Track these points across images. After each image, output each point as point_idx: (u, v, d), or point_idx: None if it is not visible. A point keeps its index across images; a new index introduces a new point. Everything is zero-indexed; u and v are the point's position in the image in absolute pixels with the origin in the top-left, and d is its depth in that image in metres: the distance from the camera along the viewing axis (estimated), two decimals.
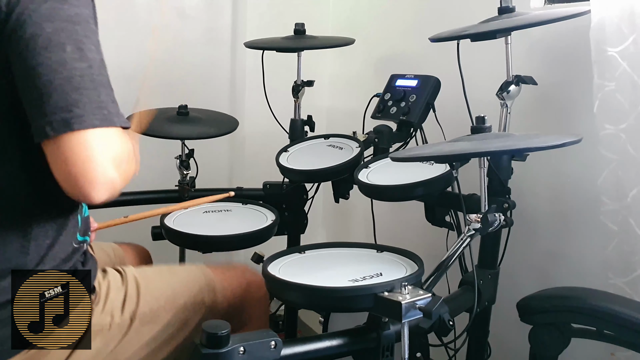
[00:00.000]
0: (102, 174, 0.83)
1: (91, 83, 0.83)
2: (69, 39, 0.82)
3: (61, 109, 0.80)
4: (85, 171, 0.81)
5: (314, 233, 2.11)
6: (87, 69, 0.83)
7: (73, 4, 0.84)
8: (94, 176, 0.82)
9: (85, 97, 0.81)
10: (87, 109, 0.81)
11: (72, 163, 0.81)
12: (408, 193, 1.32)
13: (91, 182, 0.82)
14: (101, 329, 1.01)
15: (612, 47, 1.20)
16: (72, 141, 0.81)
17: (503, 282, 1.32)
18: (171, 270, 1.18)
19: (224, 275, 1.21)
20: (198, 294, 1.14)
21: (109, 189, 0.85)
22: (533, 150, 1.24)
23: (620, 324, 1.06)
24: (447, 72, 1.39)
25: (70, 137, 0.80)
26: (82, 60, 0.82)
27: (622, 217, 1.22)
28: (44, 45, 0.80)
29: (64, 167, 0.82)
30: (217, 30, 2.31)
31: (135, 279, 1.10)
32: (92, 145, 0.81)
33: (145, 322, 1.06)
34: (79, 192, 0.83)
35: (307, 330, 2.02)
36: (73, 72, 0.81)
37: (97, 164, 0.82)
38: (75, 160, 0.81)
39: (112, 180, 0.84)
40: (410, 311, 0.89)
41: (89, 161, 0.81)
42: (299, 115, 1.82)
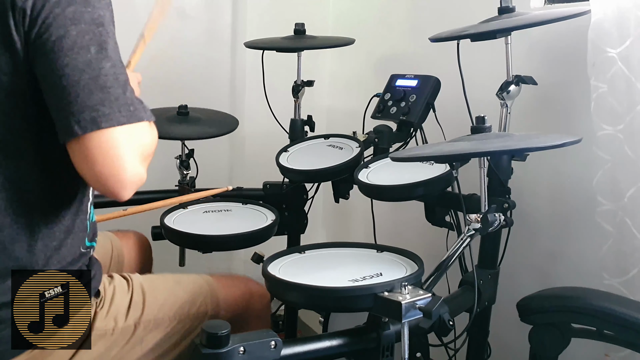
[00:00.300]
0: (130, 171, 0.85)
1: (116, 82, 0.85)
2: (93, 41, 0.85)
3: (89, 108, 0.82)
4: (114, 170, 0.84)
5: (314, 233, 2.11)
6: (111, 68, 0.85)
7: (95, 6, 0.87)
8: (124, 176, 0.85)
9: (111, 95, 0.84)
10: (113, 106, 0.84)
11: (100, 162, 0.83)
12: (408, 193, 1.32)
13: (121, 181, 0.85)
14: (104, 333, 1.01)
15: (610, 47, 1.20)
16: (100, 139, 0.83)
17: (503, 282, 1.32)
18: (176, 279, 1.18)
19: (227, 285, 1.21)
20: (202, 303, 1.14)
21: (137, 185, 0.88)
22: (533, 150, 1.24)
23: (620, 324, 1.06)
24: (447, 72, 1.39)
25: (99, 135, 0.83)
26: (106, 60, 0.85)
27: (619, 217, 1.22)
28: (69, 47, 0.83)
29: (92, 167, 0.84)
30: (217, 30, 2.31)
31: (141, 286, 1.10)
32: (119, 143, 0.84)
33: (149, 329, 1.06)
34: (108, 190, 0.86)
35: (307, 330, 2.02)
36: (99, 72, 0.84)
37: (126, 162, 0.84)
38: (104, 159, 0.83)
39: (140, 176, 0.87)
40: (410, 311, 0.89)
41: (117, 159, 0.84)
42: (299, 115, 1.82)
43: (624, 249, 1.22)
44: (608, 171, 1.23)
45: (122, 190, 0.86)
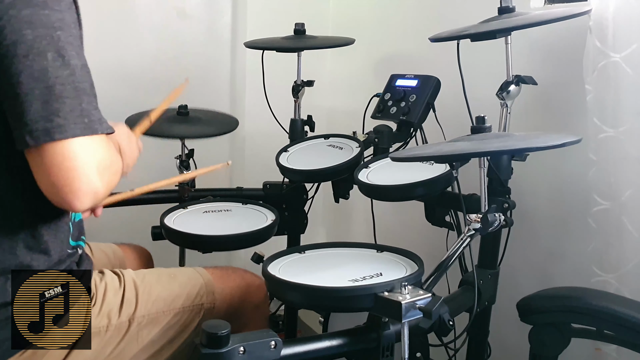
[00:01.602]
0: (85, 183, 0.82)
1: (73, 91, 0.82)
2: (50, 46, 0.81)
3: (42, 118, 0.79)
4: (68, 181, 0.81)
5: (314, 233, 2.11)
6: (68, 76, 0.82)
7: (55, 9, 0.82)
8: (77, 186, 0.82)
9: (67, 105, 0.81)
10: (68, 117, 0.81)
11: (54, 173, 0.81)
12: (408, 193, 1.32)
13: (74, 192, 0.82)
14: (98, 331, 1.01)
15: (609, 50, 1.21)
16: (53, 151, 0.80)
17: (503, 282, 1.32)
18: (170, 274, 1.18)
19: (222, 278, 1.21)
20: (197, 297, 1.14)
21: (92, 198, 0.85)
22: (533, 150, 1.24)
23: (620, 324, 1.07)
24: (447, 72, 1.39)
25: (52, 146, 0.80)
26: (63, 67, 0.81)
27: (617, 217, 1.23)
28: (24, 53, 0.79)
29: (46, 177, 0.82)
30: (217, 30, 2.31)
31: (133, 282, 1.10)
32: (74, 155, 0.81)
33: (144, 325, 1.06)
34: (62, 201, 0.84)
35: (307, 330, 2.02)
36: (54, 81, 0.80)
37: (80, 174, 0.82)
38: (58, 171, 0.81)
39: (95, 189, 0.84)
40: (410, 311, 0.89)
41: (71, 171, 0.81)
42: (299, 115, 1.82)
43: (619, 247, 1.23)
44: (605, 171, 1.23)
45: (75, 201, 0.83)
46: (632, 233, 1.20)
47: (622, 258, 1.23)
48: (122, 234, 1.53)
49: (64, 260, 0.98)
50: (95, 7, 2.04)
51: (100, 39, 2.04)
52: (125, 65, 2.11)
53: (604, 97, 1.23)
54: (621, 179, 1.22)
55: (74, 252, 1.01)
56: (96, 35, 2.02)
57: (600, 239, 1.27)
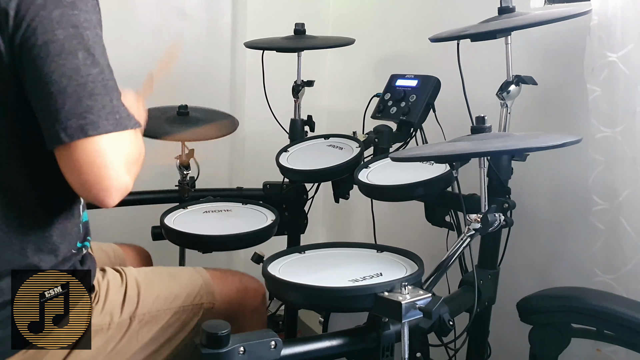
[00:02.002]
0: (116, 180, 0.85)
1: (103, 88, 0.84)
2: (80, 45, 0.83)
3: (76, 115, 0.81)
4: (100, 178, 0.84)
5: (314, 233, 2.11)
6: (98, 74, 0.84)
7: (83, 9, 0.85)
8: (109, 183, 0.84)
9: (98, 102, 0.83)
10: (100, 114, 0.83)
11: (86, 170, 0.83)
12: (408, 193, 1.32)
13: (106, 189, 0.84)
14: (100, 328, 1.01)
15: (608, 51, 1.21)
16: (86, 147, 0.82)
17: (503, 282, 1.32)
18: (171, 273, 1.18)
19: (222, 279, 1.22)
20: (197, 296, 1.15)
21: (123, 193, 0.87)
22: (533, 150, 1.24)
23: (620, 324, 1.07)
24: (447, 72, 1.39)
25: (85, 143, 0.82)
26: (94, 66, 0.84)
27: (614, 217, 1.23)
28: (56, 52, 0.81)
29: (78, 174, 0.84)
30: (217, 30, 2.31)
31: (135, 280, 1.10)
32: (106, 152, 0.83)
33: (145, 323, 1.07)
34: (94, 198, 0.86)
35: (307, 330, 2.02)
36: (86, 79, 0.82)
37: (112, 171, 0.84)
38: (90, 168, 0.83)
39: (125, 184, 0.87)
40: (410, 311, 0.89)
41: (103, 168, 0.83)
42: (299, 115, 1.82)
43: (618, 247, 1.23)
44: (604, 172, 1.24)
45: (107, 198, 0.85)
46: (630, 234, 1.20)
47: (621, 258, 1.23)
48: (122, 234, 1.53)
49: (69, 258, 0.98)
50: None
51: None
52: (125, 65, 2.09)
53: (601, 97, 1.23)
54: (619, 180, 1.22)
55: (78, 252, 1.02)
56: None
57: (599, 239, 1.27)
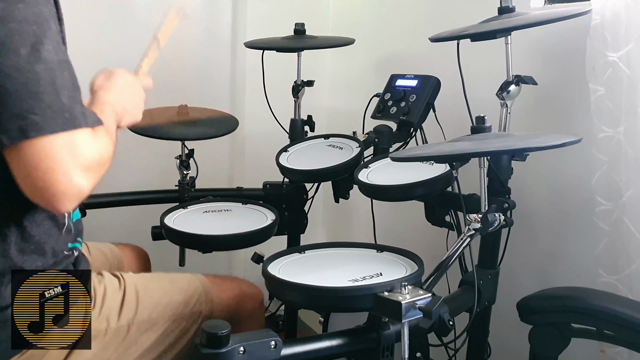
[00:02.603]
0: (66, 184, 0.79)
1: (50, 86, 0.78)
2: (23, 41, 0.77)
3: (17, 116, 0.76)
4: (48, 182, 0.78)
5: (314, 233, 2.11)
6: (44, 71, 0.78)
7: (29, 3, 0.79)
8: (58, 188, 0.78)
9: (43, 102, 0.77)
10: (46, 114, 0.77)
11: (34, 174, 0.78)
12: (408, 193, 1.32)
13: (55, 194, 0.79)
14: (97, 334, 1.00)
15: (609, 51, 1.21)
16: (31, 150, 0.77)
17: (503, 282, 1.32)
18: (170, 279, 1.18)
19: (220, 286, 1.21)
20: (196, 303, 1.14)
21: (77, 199, 0.81)
22: (533, 150, 1.24)
23: (620, 324, 1.06)
24: (447, 72, 1.39)
25: (29, 145, 0.77)
26: (38, 62, 0.78)
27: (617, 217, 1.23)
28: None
29: (26, 178, 0.79)
30: (217, 30, 2.31)
31: (135, 286, 1.09)
32: (53, 154, 0.77)
33: (144, 329, 1.06)
34: (45, 204, 0.81)
35: (307, 330, 2.02)
36: (28, 76, 0.77)
37: (61, 174, 0.78)
38: (37, 171, 0.78)
39: (79, 189, 0.80)
40: (410, 311, 0.89)
41: (51, 171, 0.78)
42: (299, 115, 1.82)
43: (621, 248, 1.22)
44: (607, 172, 1.23)
45: (57, 203, 0.79)
46: (634, 234, 1.20)
47: (625, 259, 1.23)
48: (122, 234, 1.53)
49: (60, 261, 0.97)
50: (95, 7, 2.04)
51: (100, 39, 2.04)
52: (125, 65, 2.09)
53: (603, 97, 1.23)
54: (621, 179, 1.22)
55: (70, 253, 1.00)
56: (96, 35, 2.03)
57: (602, 239, 1.27)
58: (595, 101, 1.25)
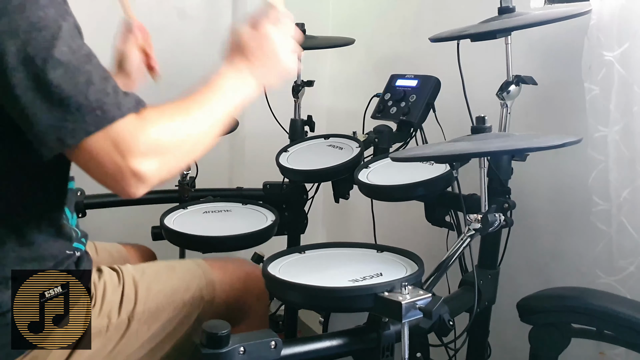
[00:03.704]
0: (122, 175, 0.79)
1: (73, 88, 0.77)
2: (36, 50, 0.76)
3: (51, 128, 0.76)
4: (105, 177, 0.80)
5: (314, 233, 2.11)
6: (63, 75, 0.77)
7: (32, 9, 0.77)
8: (113, 182, 0.80)
9: (70, 107, 0.77)
10: (77, 118, 0.77)
11: (91, 173, 0.80)
12: (408, 193, 1.32)
13: (118, 183, 0.80)
14: (99, 331, 1.00)
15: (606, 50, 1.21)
16: (75, 155, 0.79)
17: (503, 282, 1.32)
18: (169, 267, 1.17)
19: (222, 269, 1.20)
20: (197, 289, 1.13)
21: (143, 183, 0.81)
22: (533, 150, 1.24)
23: (620, 324, 1.06)
24: (447, 72, 1.39)
25: (71, 153, 0.79)
26: (55, 68, 0.76)
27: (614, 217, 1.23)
28: (13, 65, 0.75)
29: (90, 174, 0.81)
30: (217, 30, 2.31)
31: (132, 277, 1.09)
32: (96, 153, 0.78)
33: (144, 320, 1.05)
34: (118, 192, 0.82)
35: (307, 330, 2.02)
36: (50, 85, 0.76)
37: (112, 169, 0.79)
38: (91, 171, 0.80)
39: (138, 175, 0.80)
40: (410, 311, 0.89)
41: (102, 168, 0.79)
42: (299, 115, 1.82)
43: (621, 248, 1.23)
44: (603, 172, 1.24)
45: (127, 190, 0.81)
46: (632, 234, 1.20)
47: (623, 259, 1.23)
48: (122, 234, 1.53)
49: (60, 262, 0.97)
50: (95, 7, 2.04)
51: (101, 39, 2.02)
52: None
53: (600, 97, 1.23)
54: (618, 179, 1.22)
55: (72, 253, 1.00)
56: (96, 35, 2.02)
57: (600, 239, 1.27)
58: (590, 100, 1.25)
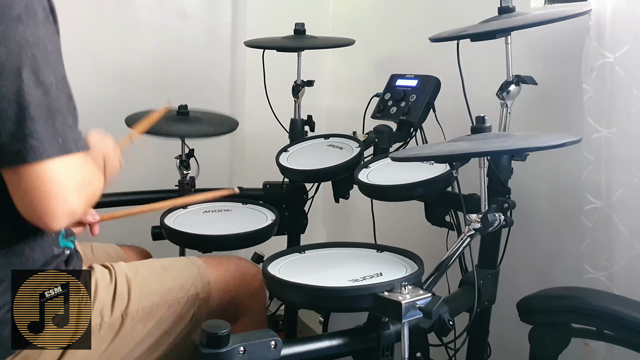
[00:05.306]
0: (61, 206, 0.82)
1: (47, 111, 0.80)
2: (24, 64, 0.78)
3: (16, 140, 0.78)
4: (44, 204, 0.81)
5: (314, 233, 2.11)
6: (42, 95, 0.79)
7: (30, 24, 0.79)
8: (53, 209, 0.81)
9: (39, 126, 0.79)
10: (42, 139, 0.79)
11: (30, 196, 0.80)
12: (408, 193, 1.32)
13: (50, 214, 0.81)
14: (92, 330, 1.00)
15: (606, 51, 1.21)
16: (29, 174, 0.79)
17: (503, 282, 1.32)
18: (163, 265, 1.17)
19: (217, 267, 1.21)
20: (192, 287, 1.13)
21: (69, 219, 0.84)
22: (533, 150, 1.24)
23: (620, 324, 1.07)
24: (447, 72, 1.39)
25: (27, 169, 0.79)
26: (37, 86, 0.79)
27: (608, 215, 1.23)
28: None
29: (22, 199, 0.81)
30: (217, 30, 2.31)
31: (125, 276, 1.09)
32: (50, 178, 0.80)
33: (138, 319, 1.05)
34: (38, 222, 0.83)
35: (307, 330, 2.02)
36: (28, 100, 0.78)
37: (56, 197, 0.81)
38: (34, 193, 0.80)
39: (72, 210, 0.84)
40: (410, 311, 0.89)
41: (47, 194, 0.80)
42: (299, 115, 1.82)
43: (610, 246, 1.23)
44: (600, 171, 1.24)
45: (52, 223, 0.82)
46: (623, 232, 1.21)
47: (613, 256, 1.23)
48: (123, 234, 1.53)
49: (49, 262, 0.97)
50: (95, 7, 2.04)
51: (100, 39, 2.04)
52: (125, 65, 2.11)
53: (599, 98, 1.24)
54: (613, 179, 1.23)
55: (60, 252, 1.00)
56: (96, 36, 2.04)
57: (593, 237, 1.27)
58: (588, 101, 1.25)
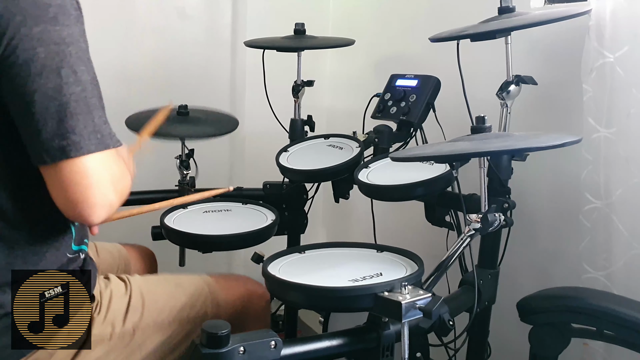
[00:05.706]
0: (101, 199, 0.85)
1: (86, 107, 0.83)
2: (62, 63, 0.82)
3: (58, 136, 0.81)
4: (84, 197, 0.83)
5: (314, 233, 2.11)
6: (81, 92, 0.83)
7: (64, 24, 0.83)
8: (94, 201, 0.84)
9: (80, 122, 0.82)
10: (83, 134, 0.82)
11: (71, 190, 0.83)
12: (408, 193, 1.32)
13: (91, 207, 0.84)
14: (102, 339, 1.01)
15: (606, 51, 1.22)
16: (70, 168, 0.82)
17: (503, 282, 1.32)
18: (176, 282, 1.18)
19: (226, 286, 1.21)
20: (202, 306, 1.14)
21: (108, 211, 0.87)
22: (533, 150, 1.24)
23: (620, 324, 1.07)
24: (447, 72, 1.39)
25: (69, 164, 0.82)
26: (76, 84, 0.82)
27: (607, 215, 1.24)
28: (38, 72, 0.80)
29: (63, 193, 0.84)
30: (217, 30, 2.31)
31: (140, 289, 1.10)
32: (90, 172, 0.83)
33: (149, 333, 1.06)
34: (78, 216, 0.86)
35: (307, 330, 2.02)
36: (68, 98, 0.81)
37: (96, 190, 0.84)
38: (75, 187, 0.83)
39: (110, 202, 0.87)
40: (410, 311, 0.89)
41: (88, 188, 0.83)
42: (299, 115, 1.82)
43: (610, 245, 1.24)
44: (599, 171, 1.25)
45: (92, 215, 0.85)
46: (622, 232, 1.21)
47: (612, 256, 1.24)
48: (123, 234, 1.53)
49: (65, 265, 0.97)
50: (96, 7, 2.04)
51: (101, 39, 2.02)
52: (125, 65, 2.11)
53: (599, 98, 1.24)
54: (612, 179, 1.23)
55: (75, 256, 1.00)
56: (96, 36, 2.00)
57: (592, 237, 1.27)
58: (588, 101, 1.25)
